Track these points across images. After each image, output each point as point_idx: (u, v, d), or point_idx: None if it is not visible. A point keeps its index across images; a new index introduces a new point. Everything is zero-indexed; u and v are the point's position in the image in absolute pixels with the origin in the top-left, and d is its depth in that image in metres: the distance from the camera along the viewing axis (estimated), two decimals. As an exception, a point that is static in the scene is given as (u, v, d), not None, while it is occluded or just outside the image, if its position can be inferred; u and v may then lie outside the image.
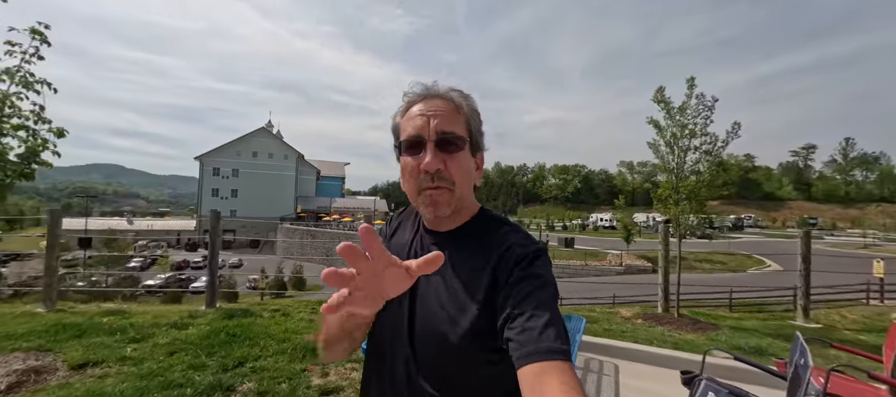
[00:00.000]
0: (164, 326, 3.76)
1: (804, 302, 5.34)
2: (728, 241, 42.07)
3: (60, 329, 3.53)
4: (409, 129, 0.69)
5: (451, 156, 0.68)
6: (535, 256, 0.65)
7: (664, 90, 5.11)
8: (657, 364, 3.26)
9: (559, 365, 0.52)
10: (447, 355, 0.65)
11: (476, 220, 0.75)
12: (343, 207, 56.14)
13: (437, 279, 0.69)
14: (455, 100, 0.71)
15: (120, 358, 2.94)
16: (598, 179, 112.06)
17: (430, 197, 0.68)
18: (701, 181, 4.84)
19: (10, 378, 2.46)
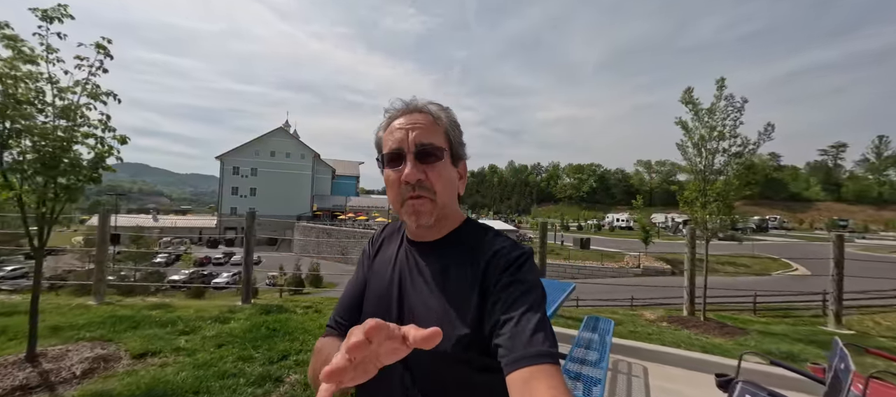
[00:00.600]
0: (207, 320, 3.99)
1: (836, 307, 5.21)
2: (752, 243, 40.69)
3: (116, 321, 3.80)
4: (389, 143, 0.71)
5: (431, 167, 0.69)
6: (522, 262, 0.66)
7: (692, 91, 5.07)
8: (687, 367, 3.28)
9: (547, 369, 0.52)
10: (442, 365, 0.64)
11: (461, 230, 0.76)
12: (358, 206, 56.93)
13: (426, 289, 0.70)
14: (433, 113, 0.72)
15: (175, 349, 3.16)
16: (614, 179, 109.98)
17: (412, 206, 0.69)
18: (729, 183, 4.79)
19: (84, 364, 2.70)
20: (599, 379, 2.23)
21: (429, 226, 0.71)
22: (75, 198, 2.81)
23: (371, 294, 0.77)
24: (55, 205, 2.73)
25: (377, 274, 0.79)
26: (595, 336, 3.08)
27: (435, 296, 0.69)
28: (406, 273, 0.74)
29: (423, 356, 0.63)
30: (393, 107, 0.74)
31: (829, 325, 5.31)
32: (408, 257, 0.76)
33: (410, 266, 0.74)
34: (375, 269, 0.80)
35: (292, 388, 2.61)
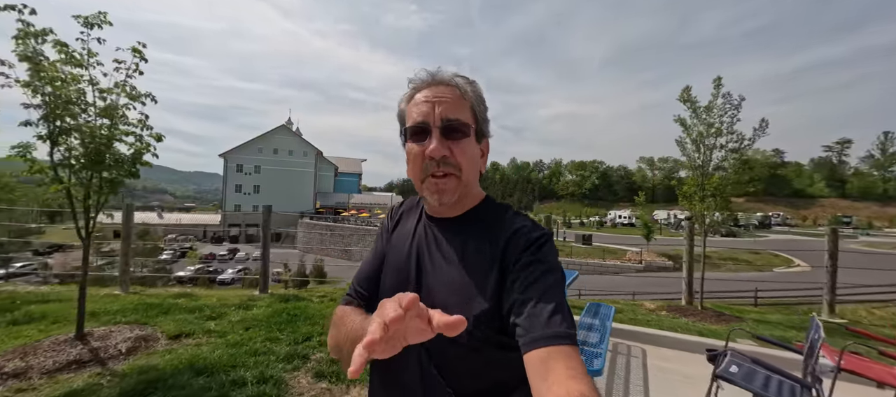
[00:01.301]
0: (231, 307, 4.24)
1: (830, 297, 5.41)
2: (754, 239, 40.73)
3: (146, 307, 4.05)
4: (414, 116, 0.68)
5: (456, 143, 0.67)
6: (542, 242, 0.65)
7: (690, 89, 5.26)
8: (682, 348, 3.50)
9: (565, 350, 0.52)
10: (459, 343, 0.63)
11: (481, 207, 0.74)
12: (360, 203, 57.27)
13: (445, 265, 0.69)
14: (460, 87, 0.70)
15: (206, 331, 3.41)
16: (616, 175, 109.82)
17: (435, 184, 0.68)
18: (726, 178, 4.98)
19: (127, 343, 2.95)
20: (600, 354, 2.45)
21: (451, 203, 0.70)
22: (116, 190, 3.06)
23: (389, 267, 0.77)
24: (99, 197, 2.97)
25: (395, 247, 0.78)
26: (596, 321, 3.30)
27: (453, 272, 0.68)
28: (424, 248, 0.73)
29: (439, 335, 0.65)
30: (418, 78, 0.71)
31: (823, 314, 5.50)
32: (426, 232, 0.75)
33: (429, 241, 0.73)
34: (394, 243, 0.79)
35: (318, 365, 2.84)
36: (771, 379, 2.04)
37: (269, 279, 5.43)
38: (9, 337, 3.15)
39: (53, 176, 2.79)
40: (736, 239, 45.03)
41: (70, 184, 2.84)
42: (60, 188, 2.81)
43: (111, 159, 2.93)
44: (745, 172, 5.00)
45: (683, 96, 5.27)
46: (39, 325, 3.48)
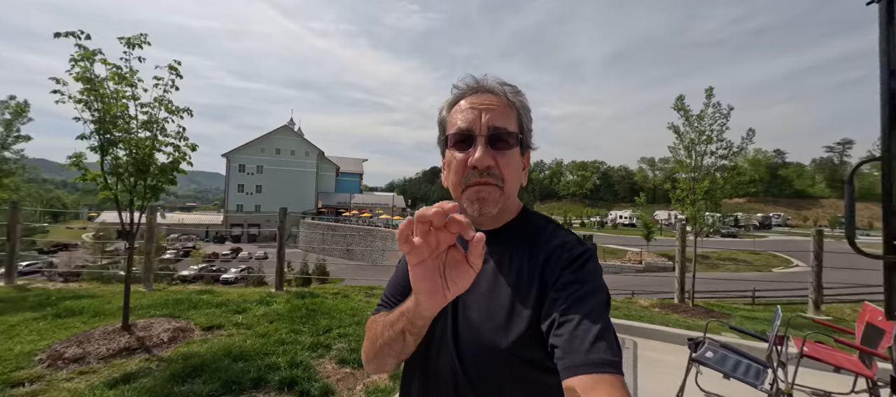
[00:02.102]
0: (252, 302, 4.56)
1: (815, 296, 5.70)
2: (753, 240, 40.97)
3: (175, 302, 4.38)
4: (458, 122, 0.66)
5: (501, 154, 0.65)
6: (586, 259, 0.62)
7: (683, 98, 5.56)
8: (670, 341, 3.81)
9: (610, 380, 0.48)
10: (496, 362, 0.61)
11: (519, 219, 0.72)
12: (362, 203, 57.57)
13: (481, 281, 0.66)
14: (507, 96, 0.68)
15: (234, 324, 3.73)
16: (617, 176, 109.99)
17: (476, 193, 0.65)
18: (715, 183, 5.29)
19: (167, 333, 3.27)
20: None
21: (491, 214, 0.67)
22: (158, 196, 3.38)
23: None
24: (143, 202, 3.30)
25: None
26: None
27: (491, 287, 0.65)
28: None
29: (476, 353, 0.62)
30: (462, 84, 0.70)
31: (808, 312, 5.80)
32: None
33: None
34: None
35: (340, 353, 3.16)
36: (740, 363, 2.35)
37: (284, 277, 5.74)
38: (58, 328, 3.48)
39: (104, 183, 3.12)
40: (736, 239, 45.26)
41: (118, 190, 3.16)
42: (109, 195, 3.14)
43: (155, 168, 3.25)
44: (733, 177, 5.30)
45: (677, 105, 5.58)
46: (82, 318, 3.80)
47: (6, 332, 3.38)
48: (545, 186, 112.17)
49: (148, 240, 5.79)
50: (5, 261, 5.67)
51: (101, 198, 3.20)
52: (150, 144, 3.26)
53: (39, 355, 2.86)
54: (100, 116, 3.06)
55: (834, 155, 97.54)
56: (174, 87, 3.49)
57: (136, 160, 3.16)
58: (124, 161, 3.17)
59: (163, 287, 5.84)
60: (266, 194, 55.93)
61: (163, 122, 3.37)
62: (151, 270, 5.73)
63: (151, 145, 3.28)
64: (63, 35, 2.93)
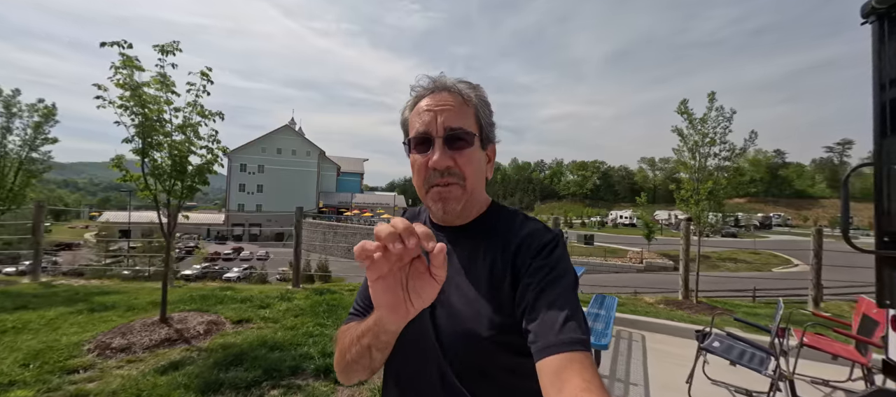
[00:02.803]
0: (274, 298, 4.75)
1: (815, 293, 5.90)
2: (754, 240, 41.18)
3: (201, 298, 4.56)
4: (416, 125, 0.68)
5: (460, 153, 0.67)
6: (553, 245, 0.65)
7: (687, 102, 5.75)
8: (677, 334, 3.99)
9: (578, 358, 0.51)
10: (478, 351, 0.63)
11: (489, 214, 0.74)
12: (363, 203, 57.76)
13: (455, 276, 0.68)
14: (463, 93, 0.69)
15: (262, 318, 3.92)
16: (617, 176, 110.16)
17: (439, 193, 0.67)
18: (719, 184, 5.48)
19: (202, 326, 3.46)
20: (607, 334, 2.95)
21: (455, 212, 0.69)
22: (192, 196, 3.56)
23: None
24: (180, 201, 3.48)
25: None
26: (602, 311, 3.80)
27: (466, 282, 0.67)
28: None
29: (458, 344, 0.64)
30: (419, 85, 0.71)
31: (808, 308, 5.99)
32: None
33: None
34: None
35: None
36: (745, 351, 2.53)
37: (301, 274, 5.93)
38: (97, 321, 3.67)
39: (144, 184, 3.30)
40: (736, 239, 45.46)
41: (156, 190, 3.35)
42: (150, 195, 3.32)
43: (193, 169, 3.43)
44: (735, 177, 5.48)
45: (681, 108, 5.76)
46: (116, 312, 3.99)
47: (48, 325, 3.57)
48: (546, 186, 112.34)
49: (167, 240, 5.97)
50: (31, 258, 5.86)
51: (141, 198, 3.38)
52: (186, 147, 3.44)
53: (87, 345, 3.04)
54: (141, 121, 3.24)
55: (834, 155, 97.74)
56: (206, 91, 3.68)
57: (175, 162, 3.34)
58: (163, 163, 3.35)
59: (181, 284, 6.03)
60: (267, 194, 56.08)
61: (196, 126, 3.55)
62: (171, 267, 5.91)
63: (187, 148, 3.46)
64: (109, 45, 3.11)
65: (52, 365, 2.69)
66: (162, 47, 3.47)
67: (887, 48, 1.78)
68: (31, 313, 3.90)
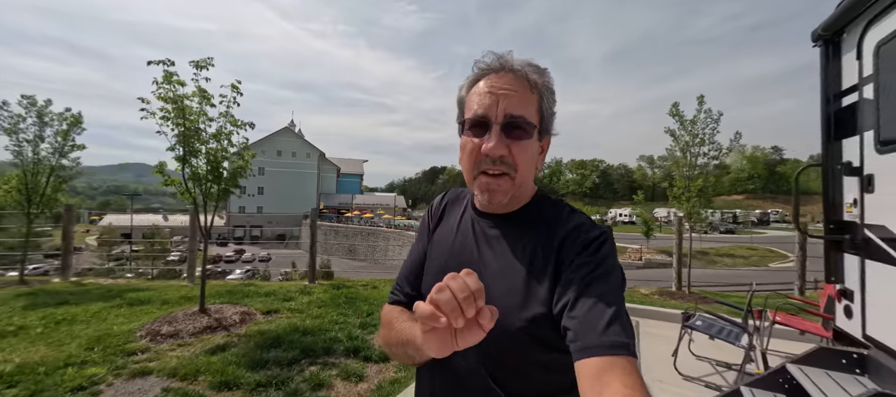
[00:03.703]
0: (294, 292, 5.10)
1: (800, 283, 6.28)
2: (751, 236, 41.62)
3: (226, 292, 4.91)
4: (474, 106, 0.64)
5: (516, 143, 0.63)
6: (602, 241, 0.62)
7: (678, 105, 6.12)
8: (667, 320, 4.36)
9: (621, 363, 0.49)
10: (508, 343, 0.61)
11: (534, 203, 0.71)
12: (364, 204, 58.08)
13: (496, 264, 0.66)
14: (529, 78, 0.65)
15: (288, 309, 4.27)
16: (616, 174, 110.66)
17: (487, 184, 0.64)
18: (708, 181, 5.85)
19: (237, 316, 3.81)
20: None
21: (502, 205, 0.68)
22: (227, 198, 3.92)
23: (433, 265, 0.75)
24: (217, 203, 3.84)
25: (440, 244, 0.76)
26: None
27: (506, 271, 0.65)
28: (473, 245, 0.71)
29: (490, 333, 0.60)
30: (483, 62, 0.67)
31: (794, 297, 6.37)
32: (475, 228, 0.73)
33: (478, 238, 0.71)
34: (438, 239, 0.78)
35: (386, 331, 3.70)
36: (723, 328, 2.90)
37: (317, 270, 6.28)
38: (139, 313, 4.02)
39: (184, 188, 3.66)
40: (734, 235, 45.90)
41: (195, 194, 3.70)
42: (190, 198, 3.68)
43: (227, 174, 3.79)
44: (723, 175, 5.86)
45: (672, 111, 6.13)
46: (153, 305, 4.34)
47: (95, 317, 3.92)
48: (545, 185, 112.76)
49: (192, 238, 6.33)
50: (61, 259, 6.20)
51: (182, 201, 3.74)
52: (220, 154, 3.80)
53: (139, 332, 3.40)
54: (182, 131, 3.59)
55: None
56: (236, 103, 4.03)
57: (212, 168, 3.70)
58: (203, 169, 3.71)
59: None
60: (268, 196, 56.32)
61: (229, 135, 3.90)
62: (194, 266, 6.27)
63: (222, 155, 3.81)
64: (155, 63, 3.47)
65: (113, 349, 3.04)
66: (197, 63, 3.82)
67: (830, 68, 2.14)
68: (75, 308, 4.24)
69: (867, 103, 1.88)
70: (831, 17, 2.07)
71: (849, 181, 2.02)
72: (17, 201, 5.69)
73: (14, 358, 2.87)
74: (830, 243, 2.17)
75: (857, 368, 1.93)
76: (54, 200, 5.98)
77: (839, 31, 2.08)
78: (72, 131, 6.01)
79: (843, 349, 2.00)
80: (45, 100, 5.78)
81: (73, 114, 6.03)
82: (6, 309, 4.15)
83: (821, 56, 2.20)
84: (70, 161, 6.06)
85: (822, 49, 2.20)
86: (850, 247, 2.02)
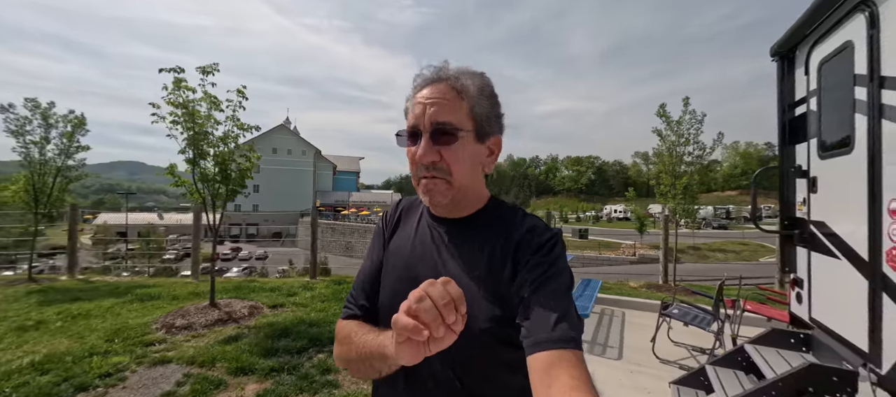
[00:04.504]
0: (297, 288, 5.31)
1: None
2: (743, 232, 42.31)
3: (233, 288, 5.12)
4: (409, 117, 0.69)
5: (446, 148, 0.66)
6: (553, 243, 0.66)
7: (665, 106, 6.38)
8: (651, 310, 4.63)
9: (569, 355, 0.52)
10: (471, 342, 0.62)
11: (489, 208, 0.74)
12: (360, 201, 58.14)
13: (455, 269, 0.68)
14: (459, 84, 0.67)
15: (293, 303, 4.49)
16: (612, 171, 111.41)
17: (425, 186, 0.68)
18: (693, 179, 6.14)
19: (245, 309, 4.03)
20: (587, 308, 3.57)
21: (443, 205, 0.70)
22: (233, 198, 4.12)
23: (392, 272, 0.75)
24: (224, 203, 4.04)
25: (397, 251, 0.77)
26: (587, 291, 4.43)
27: (465, 275, 0.67)
28: (432, 250, 0.73)
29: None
30: (420, 75, 0.70)
31: (776, 288, 6.70)
32: (433, 233, 0.75)
33: (437, 243, 0.73)
34: (394, 248, 0.79)
35: (387, 322, 3.94)
36: (697, 315, 3.17)
37: (318, 267, 6.50)
38: (151, 308, 4.22)
39: (194, 188, 3.86)
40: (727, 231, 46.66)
41: (205, 194, 3.90)
42: (199, 199, 3.88)
43: (235, 176, 3.99)
44: (707, 173, 6.14)
45: (659, 112, 6.39)
46: (164, 301, 4.54)
47: (109, 312, 4.12)
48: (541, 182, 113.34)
49: (195, 237, 6.51)
50: (67, 257, 6.36)
51: (191, 201, 3.93)
52: (228, 156, 3.99)
53: (154, 325, 3.61)
54: (191, 134, 3.79)
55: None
56: (242, 107, 4.22)
57: (220, 169, 3.89)
58: (212, 171, 3.90)
59: (204, 278, 6.58)
60: (264, 193, 56.15)
61: (236, 138, 4.10)
62: (199, 263, 6.46)
63: (230, 157, 4.01)
64: (166, 71, 3.65)
65: (133, 340, 3.25)
66: (203, 68, 4.00)
67: (786, 81, 2.40)
68: (88, 304, 4.44)
69: (813, 114, 2.13)
70: (785, 34, 2.32)
71: (800, 182, 2.28)
72: (24, 202, 5.84)
73: (40, 350, 3.07)
74: (784, 237, 2.43)
75: (804, 346, 2.19)
76: (61, 201, 6.13)
77: (792, 49, 2.33)
78: (76, 132, 6.15)
79: (792, 330, 2.27)
80: (48, 103, 5.92)
81: (76, 115, 6.18)
82: (23, 306, 4.34)
83: (777, 70, 2.46)
84: (75, 161, 6.21)
85: (779, 63, 2.45)
86: (800, 241, 2.28)
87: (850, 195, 1.76)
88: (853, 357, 1.76)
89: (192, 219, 6.50)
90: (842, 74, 1.84)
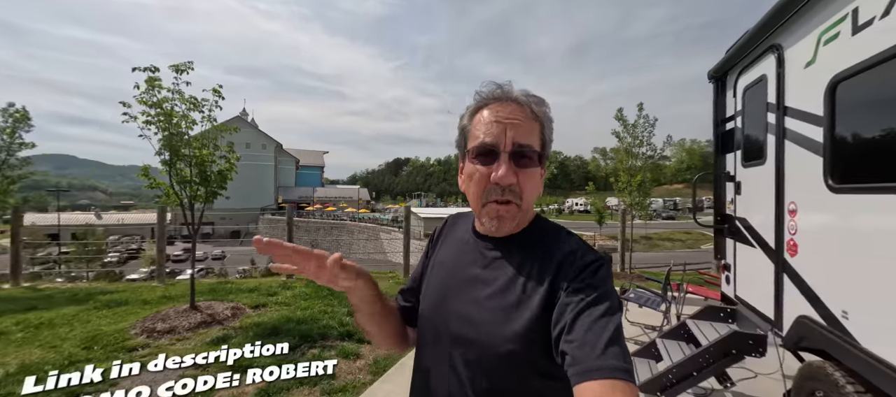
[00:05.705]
0: (276, 287, 5.31)
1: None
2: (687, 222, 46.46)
3: (207, 290, 5.02)
4: (481, 136, 0.67)
5: (524, 171, 0.66)
6: (598, 266, 0.63)
7: (623, 110, 7.02)
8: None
9: (623, 387, 0.48)
10: (501, 367, 0.62)
11: (533, 227, 0.73)
12: (325, 197, 56.46)
13: (493, 285, 0.68)
14: (532, 108, 0.68)
15: (275, 303, 4.52)
16: (573, 165, 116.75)
17: (496, 210, 0.67)
18: (645, 176, 6.84)
19: (228, 311, 4.02)
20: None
21: (509, 231, 0.70)
22: (212, 200, 4.07)
23: (435, 283, 0.78)
24: (203, 205, 3.98)
25: (441, 265, 0.79)
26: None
27: (502, 292, 0.66)
28: (472, 266, 0.73)
29: (478, 356, 0.64)
30: (485, 91, 0.70)
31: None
32: (475, 250, 0.75)
33: (476, 260, 0.73)
34: (438, 262, 0.81)
35: (372, 317, 4.11)
36: (649, 298, 3.67)
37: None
38: (123, 314, 4.07)
39: (172, 191, 3.78)
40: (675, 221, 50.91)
41: (182, 196, 3.83)
42: (176, 202, 3.80)
43: (214, 177, 3.94)
44: (659, 173, 6.87)
45: (617, 115, 7.02)
46: (134, 306, 4.38)
47: (75, 319, 3.93)
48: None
49: (159, 241, 6.22)
50: (10, 263, 5.84)
51: (167, 203, 3.84)
52: (208, 157, 3.93)
53: (133, 330, 3.52)
54: (166, 135, 3.70)
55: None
56: (218, 106, 4.16)
57: (199, 171, 3.84)
58: (186, 172, 3.83)
59: (175, 282, 6.32)
60: (220, 190, 52.68)
61: (214, 138, 4.04)
62: (163, 267, 6.19)
63: (208, 158, 3.95)
64: (140, 69, 3.53)
65: (113, 346, 3.18)
66: (177, 67, 3.90)
67: (719, 100, 2.88)
68: (48, 312, 4.19)
69: (738, 130, 2.61)
70: (720, 61, 2.78)
71: (729, 185, 2.77)
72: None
73: (10, 361, 2.94)
74: (717, 230, 2.94)
75: (730, 319, 2.70)
76: (4, 202, 5.62)
77: (724, 74, 2.81)
78: (17, 129, 5.64)
79: (722, 306, 2.77)
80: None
81: (18, 109, 5.66)
82: (-29, 317, 4.01)
83: (713, 90, 2.94)
84: (18, 161, 5.71)
85: (714, 85, 2.93)
86: (728, 233, 2.78)
87: (763, 197, 2.22)
88: (764, 324, 2.24)
89: (157, 220, 6.20)
90: (758, 100, 2.30)
